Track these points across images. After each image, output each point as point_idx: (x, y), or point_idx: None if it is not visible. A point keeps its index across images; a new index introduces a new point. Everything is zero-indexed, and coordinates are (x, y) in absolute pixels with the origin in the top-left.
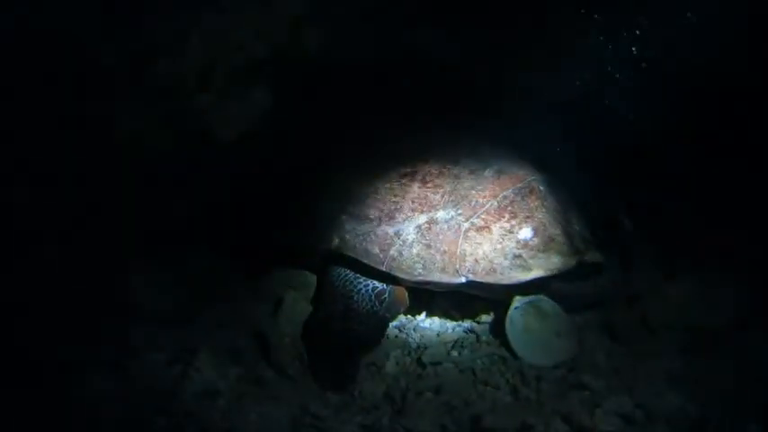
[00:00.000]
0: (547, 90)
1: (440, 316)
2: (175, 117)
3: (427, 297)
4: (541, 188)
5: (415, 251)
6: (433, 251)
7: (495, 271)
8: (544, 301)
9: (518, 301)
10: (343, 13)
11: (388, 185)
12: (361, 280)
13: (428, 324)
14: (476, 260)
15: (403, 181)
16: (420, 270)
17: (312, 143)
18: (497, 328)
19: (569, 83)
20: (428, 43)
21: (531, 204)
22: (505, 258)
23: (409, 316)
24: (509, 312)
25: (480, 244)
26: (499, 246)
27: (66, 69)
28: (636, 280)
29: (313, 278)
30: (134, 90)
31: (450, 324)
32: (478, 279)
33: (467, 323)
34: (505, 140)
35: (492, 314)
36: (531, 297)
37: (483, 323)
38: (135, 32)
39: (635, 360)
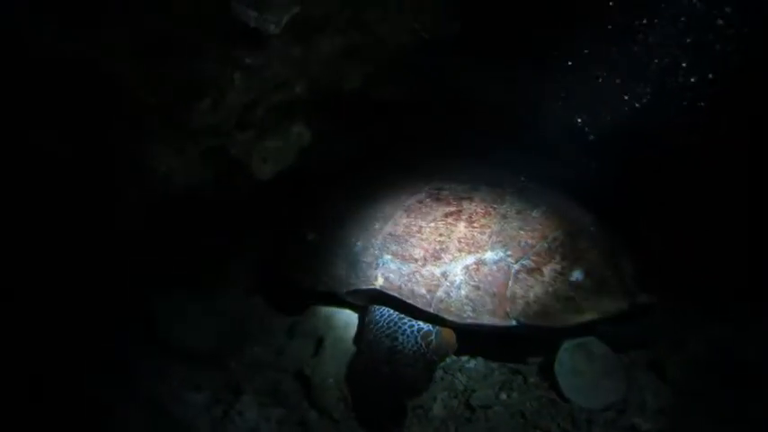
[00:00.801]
0: (589, 126)
1: (484, 356)
2: (214, 154)
3: (471, 336)
4: (591, 228)
5: (463, 293)
6: (482, 293)
7: (547, 314)
8: (593, 342)
9: (567, 342)
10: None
11: (432, 224)
12: (406, 321)
13: (473, 365)
14: (527, 303)
15: (448, 220)
16: (470, 312)
17: (351, 180)
18: (545, 370)
19: (608, 119)
20: (469, 79)
21: (582, 245)
22: (557, 301)
23: (453, 356)
24: (558, 354)
25: (531, 286)
26: (551, 288)
27: (108, 105)
28: (681, 318)
29: (354, 317)
30: (174, 127)
31: (494, 365)
32: (530, 322)
33: (512, 364)
34: (550, 178)
35: (538, 355)
36: (580, 338)
37: (530, 364)
38: (179, 72)
39: (683, 399)
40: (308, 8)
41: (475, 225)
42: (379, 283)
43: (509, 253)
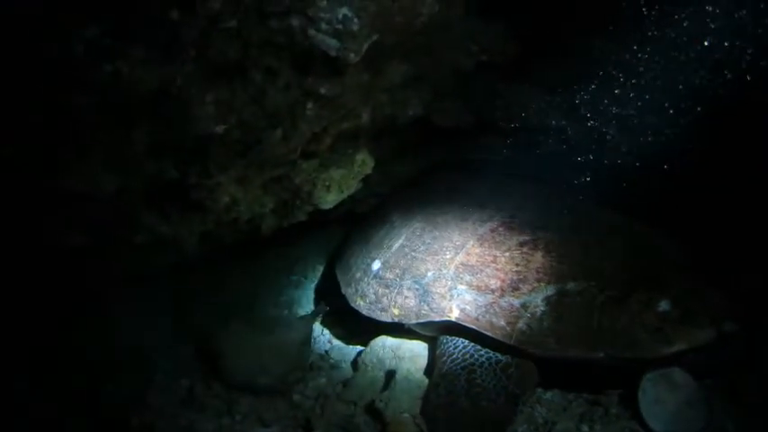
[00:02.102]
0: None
1: (559, 387)
2: (277, 182)
3: (547, 367)
4: (674, 256)
5: (545, 324)
6: (566, 325)
7: (635, 345)
8: (674, 370)
9: (650, 371)
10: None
11: (507, 254)
12: (483, 353)
13: (550, 396)
14: (614, 334)
15: (524, 249)
16: (554, 345)
17: (414, 206)
18: (627, 400)
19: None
20: (529, 103)
21: (667, 274)
22: (645, 332)
23: None
24: (641, 383)
25: (617, 317)
26: (638, 319)
27: (175, 133)
28: (759, 344)
29: (421, 347)
30: (241, 157)
31: (571, 396)
32: (618, 354)
33: (589, 394)
34: (625, 206)
35: (614, 385)
36: (663, 368)
37: (608, 395)
38: (251, 101)
39: (763, 425)
40: (384, 36)
41: (553, 254)
42: (455, 315)
43: (592, 283)
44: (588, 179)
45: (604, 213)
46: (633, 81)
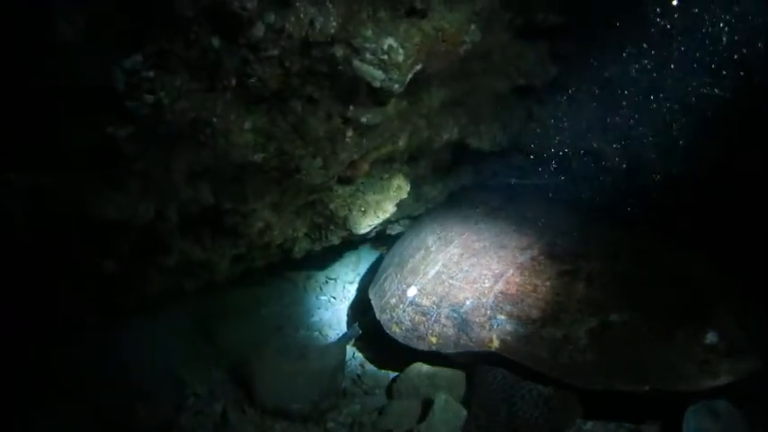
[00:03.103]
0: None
1: (598, 417)
2: (312, 207)
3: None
4: (718, 286)
5: (588, 357)
6: (610, 357)
7: (681, 379)
8: (719, 401)
9: (693, 402)
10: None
11: (548, 283)
12: (524, 384)
13: (590, 426)
14: (660, 367)
15: (564, 279)
16: (599, 378)
17: (452, 233)
18: (668, 430)
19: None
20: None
21: (712, 305)
22: (692, 365)
23: None
24: (686, 414)
25: (663, 350)
26: (684, 351)
27: (215, 161)
28: None
29: (458, 375)
30: (277, 184)
31: (612, 425)
32: (664, 387)
33: (629, 424)
34: (670, 235)
35: (655, 415)
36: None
37: (650, 424)
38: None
39: None
40: (427, 65)
41: (595, 285)
42: (495, 345)
43: (636, 314)
44: (628, 203)
45: (645, 240)
46: (671, 104)
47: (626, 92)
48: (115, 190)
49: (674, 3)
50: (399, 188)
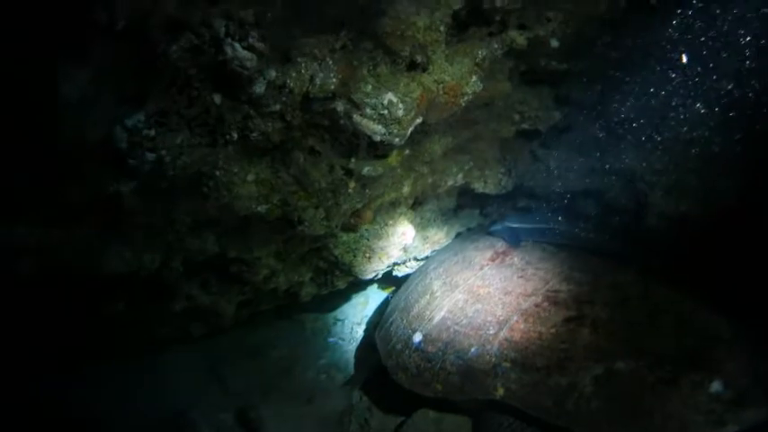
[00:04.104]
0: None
1: None
2: (316, 254)
3: None
4: (726, 333)
5: (594, 405)
6: (616, 406)
7: (686, 428)
8: None
9: None
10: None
11: (552, 330)
12: (530, 431)
13: None
14: (665, 417)
15: (570, 326)
16: (605, 427)
17: (457, 277)
18: None
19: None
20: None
21: (718, 353)
22: (698, 414)
23: None
24: None
25: (669, 399)
26: (690, 401)
27: (218, 212)
28: None
29: (466, 421)
30: (281, 233)
31: None
32: None
33: None
34: (678, 277)
35: None
36: None
37: None
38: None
39: None
40: (428, 117)
41: (600, 332)
42: (500, 393)
43: (642, 363)
44: (630, 244)
45: (651, 285)
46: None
47: (630, 133)
48: (121, 243)
49: (684, 59)
50: (404, 234)
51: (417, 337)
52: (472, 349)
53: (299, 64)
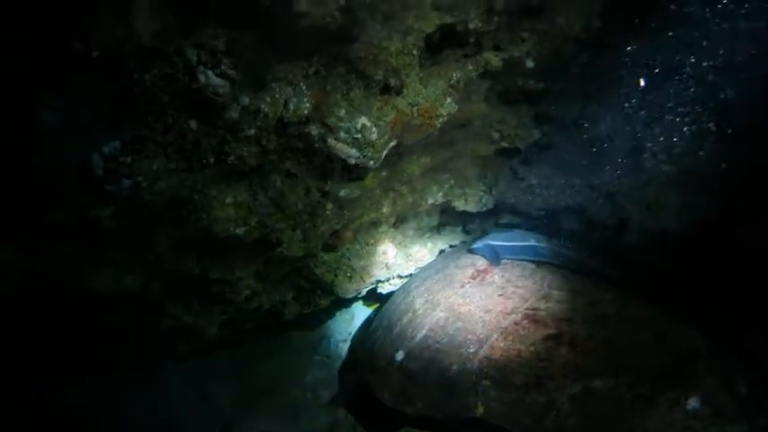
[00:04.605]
0: None
1: None
2: (298, 274)
3: None
4: (705, 352)
5: (571, 423)
6: (593, 424)
7: None
8: None
9: None
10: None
11: (531, 348)
12: None
13: None
14: None
15: (548, 344)
16: None
17: (439, 296)
18: None
19: None
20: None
21: (695, 370)
22: (676, 431)
23: None
24: None
25: (647, 416)
26: (668, 418)
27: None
28: None
29: None
30: (260, 255)
31: None
32: None
33: None
34: (658, 296)
35: None
36: None
37: None
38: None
39: None
40: (403, 139)
41: (578, 350)
42: (480, 411)
43: (621, 381)
44: (609, 261)
45: (629, 302)
46: (654, 156)
47: (610, 150)
48: (103, 265)
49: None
50: (385, 253)
51: (400, 356)
52: (453, 367)
53: (273, 89)
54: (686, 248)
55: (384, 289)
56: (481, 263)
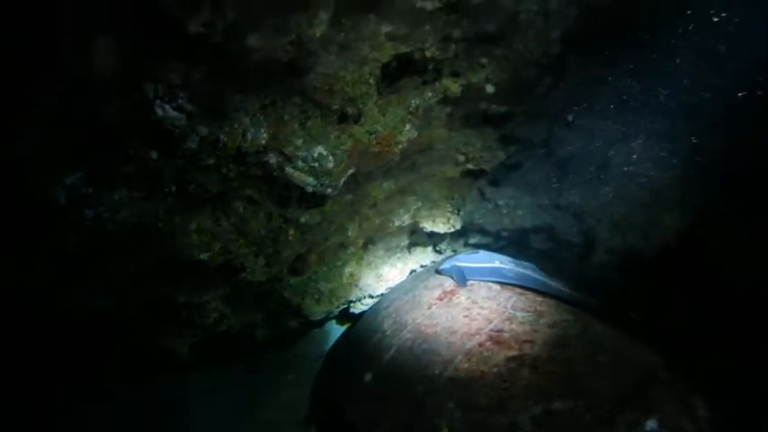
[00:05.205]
0: None
1: None
2: (266, 297)
3: None
4: (662, 372)
5: None
6: None
7: None
8: None
9: None
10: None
11: (494, 370)
12: None
13: None
14: None
15: (511, 365)
16: None
17: (407, 317)
18: None
19: None
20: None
21: (654, 392)
22: None
23: None
24: None
25: None
26: None
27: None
28: None
29: None
30: (225, 280)
31: None
32: None
33: None
34: (618, 316)
35: None
36: None
37: None
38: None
39: None
40: (362, 166)
41: (540, 371)
42: None
43: (580, 402)
44: (573, 283)
45: (590, 324)
46: (619, 178)
47: (577, 169)
48: (75, 287)
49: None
50: (352, 275)
51: (368, 377)
52: (419, 389)
53: (231, 120)
54: (651, 268)
55: (356, 309)
56: (449, 284)
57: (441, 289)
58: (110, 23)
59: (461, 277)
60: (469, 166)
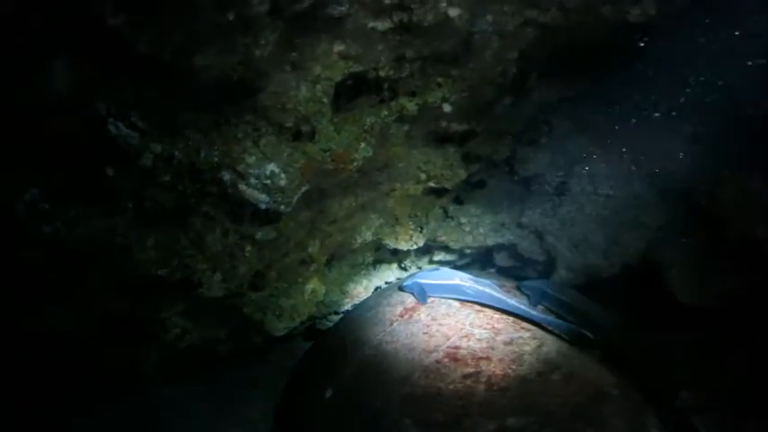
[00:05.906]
0: None
1: None
2: (228, 313)
3: None
4: (614, 390)
5: None
6: None
7: None
8: None
9: None
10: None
11: (451, 387)
12: None
13: None
14: None
15: (467, 382)
16: None
17: (369, 333)
18: None
19: None
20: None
21: (606, 410)
22: None
23: None
24: None
25: None
26: None
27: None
28: None
29: None
30: (183, 295)
31: None
32: None
33: None
34: (572, 334)
35: None
36: None
37: None
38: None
39: None
40: (317, 183)
41: (495, 389)
42: None
43: (532, 420)
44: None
45: (545, 341)
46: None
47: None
48: (38, 303)
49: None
50: (314, 292)
51: (329, 393)
52: (377, 404)
53: (185, 138)
54: (610, 284)
55: (323, 325)
56: (410, 301)
57: (402, 306)
58: (65, 41)
59: (422, 294)
60: (431, 183)
